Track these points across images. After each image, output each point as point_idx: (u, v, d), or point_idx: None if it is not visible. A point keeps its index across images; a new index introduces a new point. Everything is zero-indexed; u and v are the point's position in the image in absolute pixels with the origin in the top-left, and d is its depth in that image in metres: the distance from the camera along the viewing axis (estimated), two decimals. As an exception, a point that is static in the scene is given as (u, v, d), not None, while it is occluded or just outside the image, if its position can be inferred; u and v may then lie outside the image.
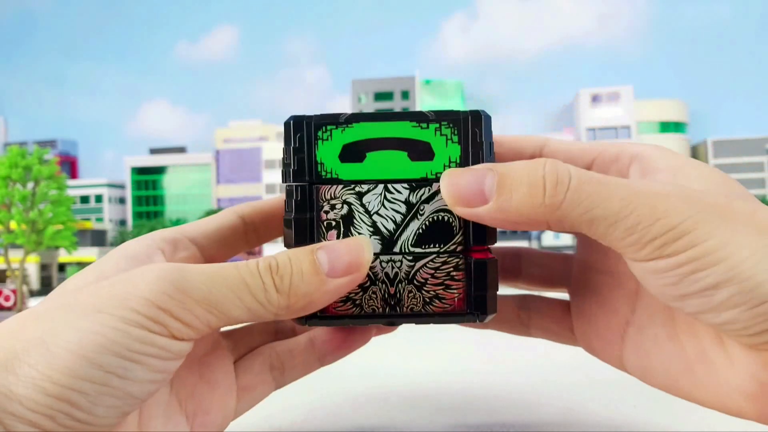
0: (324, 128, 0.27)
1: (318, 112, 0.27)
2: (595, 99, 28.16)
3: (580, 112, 28.11)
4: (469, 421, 0.37)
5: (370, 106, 32.23)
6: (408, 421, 0.37)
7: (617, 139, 27.80)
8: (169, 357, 0.23)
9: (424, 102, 32.45)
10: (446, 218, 0.27)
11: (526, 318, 0.33)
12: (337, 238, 0.27)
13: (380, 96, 32.53)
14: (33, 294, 20.04)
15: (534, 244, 22.93)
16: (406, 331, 0.33)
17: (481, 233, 0.27)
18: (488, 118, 0.28)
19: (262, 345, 0.32)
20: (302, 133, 0.27)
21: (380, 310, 0.27)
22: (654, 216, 0.22)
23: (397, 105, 32.24)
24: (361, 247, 0.26)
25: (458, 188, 0.25)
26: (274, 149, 28.36)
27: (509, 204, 0.24)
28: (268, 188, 30.06)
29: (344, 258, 0.25)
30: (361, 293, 0.27)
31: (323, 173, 0.27)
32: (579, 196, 0.23)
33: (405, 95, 32.63)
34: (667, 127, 28.62)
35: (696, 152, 29.60)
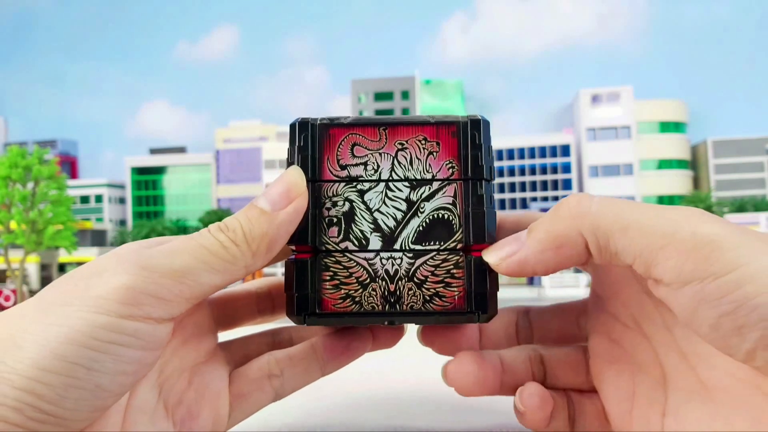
0: (329, 129, 0.28)
1: (318, 113, 0.26)
2: (595, 99, 28.14)
3: (580, 112, 28.09)
4: (468, 422, 0.36)
5: (369, 106, 32.21)
6: (408, 421, 0.37)
7: (617, 138, 27.80)
8: (141, 346, 0.22)
9: (424, 102, 32.43)
10: (446, 216, 0.27)
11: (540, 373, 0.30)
12: (338, 234, 0.28)
13: (380, 96, 32.51)
14: (33, 294, 19.97)
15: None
16: (406, 331, 0.34)
17: (482, 231, 0.27)
18: (487, 123, 0.28)
19: (260, 354, 0.32)
20: (307, 133, 0.28)
21: (380, 307, 0.27)
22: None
23: (397, 105, 32.22)
24: (291, 175, 0.26)
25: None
26: (274, 149, 28.37)
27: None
28: (268, 188, 29.97)
29: (279, 190, 0.26)
30: (360, 290, 0.27)
31: (326, 171, 0.28)
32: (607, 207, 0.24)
33: (405, 95, 32.62)
34: (667, 127, 28.60)
35: (696, 152, 29.57)
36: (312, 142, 0.28)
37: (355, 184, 0.28)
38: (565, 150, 28.25)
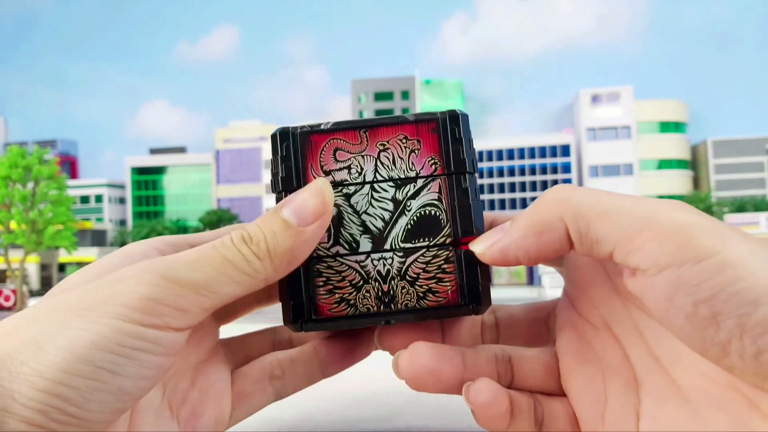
0: (309, 136, 0.28)
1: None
2: (595, 99, 28.14)
3: (580, 112, 28.09)
4: (468, 422, 0.36)
5: (370, 106, 32.20)
6: (408, 421, 0.37)
7: (617, 138, 27.81)
8: (161, 352, 0.23)
9: (424, 102, 32.43)
10: (433, 212, 0.28)
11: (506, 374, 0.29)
12: (328, 240, 0.28)
13: (380, 96, 32.51)
14: (33, 294, 20.00)
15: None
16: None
17: (469, 224, 0.27)
18: (465, 116, 0.28)
19: (261, 355, 0.32)
20: (288, 142, 0.28)
21: (375, 308, 0.28)
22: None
23: (397, 105, 32.22)
24: (321, 190, 0.26)
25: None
26: (274, 149, 28.33)
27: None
28: (268, 188, 30.02)
29: (308, 204, 0.26)
30: (354, 292, 0.28)
31: (311, 178, 0.28)
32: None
33: (405, 95, 32.61)
34: (667, 127, 28.60)
35: (696, 152, 29.58)
36: (294, 151, 0.28)
37: (340, 188, 0.28)
38: (565, 150, 28.25)
